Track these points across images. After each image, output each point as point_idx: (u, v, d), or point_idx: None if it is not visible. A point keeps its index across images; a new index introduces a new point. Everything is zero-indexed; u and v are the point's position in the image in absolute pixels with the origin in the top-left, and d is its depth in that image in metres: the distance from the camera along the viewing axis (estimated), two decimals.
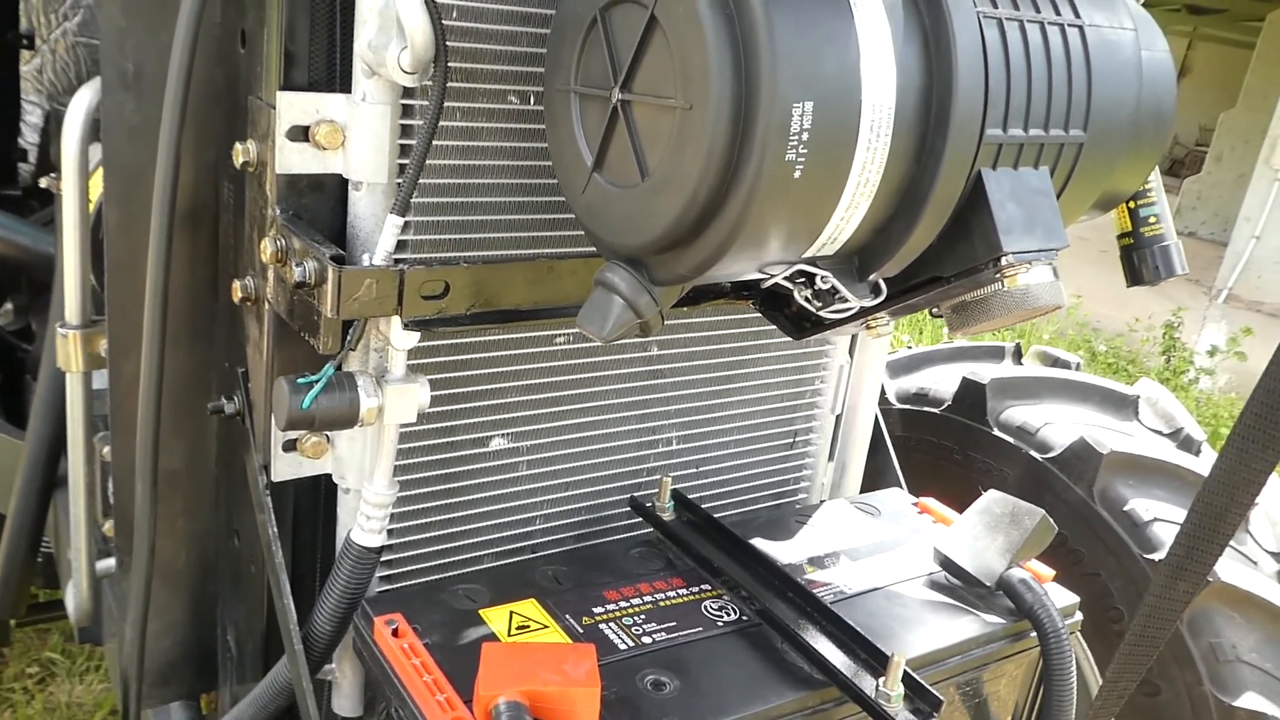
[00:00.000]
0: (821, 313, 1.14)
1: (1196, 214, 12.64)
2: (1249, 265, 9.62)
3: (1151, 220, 1.40)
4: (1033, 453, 2.20)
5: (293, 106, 1.15)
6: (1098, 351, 7.13)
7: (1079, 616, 1.47)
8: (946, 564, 1.45)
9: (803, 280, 1.11)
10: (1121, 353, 7.19)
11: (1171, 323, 7.19)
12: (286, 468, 1.31)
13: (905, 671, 1.19)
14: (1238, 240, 9.81)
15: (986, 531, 1.43)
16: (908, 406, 2.46)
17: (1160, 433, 2.38)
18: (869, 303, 1.11)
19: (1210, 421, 5.98)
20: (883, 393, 2.27)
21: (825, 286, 1.09)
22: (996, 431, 2.27)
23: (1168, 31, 1.25)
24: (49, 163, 2.35)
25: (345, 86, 1.17)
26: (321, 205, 1.22)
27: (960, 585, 1.44)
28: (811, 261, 1.07)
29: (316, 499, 1.40)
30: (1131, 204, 1.40)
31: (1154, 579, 0.95)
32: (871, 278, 1.10)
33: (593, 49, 1.04)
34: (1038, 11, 1.09)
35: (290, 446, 1.30)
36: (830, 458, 1.76)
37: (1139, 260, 1.41)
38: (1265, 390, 0.87)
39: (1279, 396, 0.86)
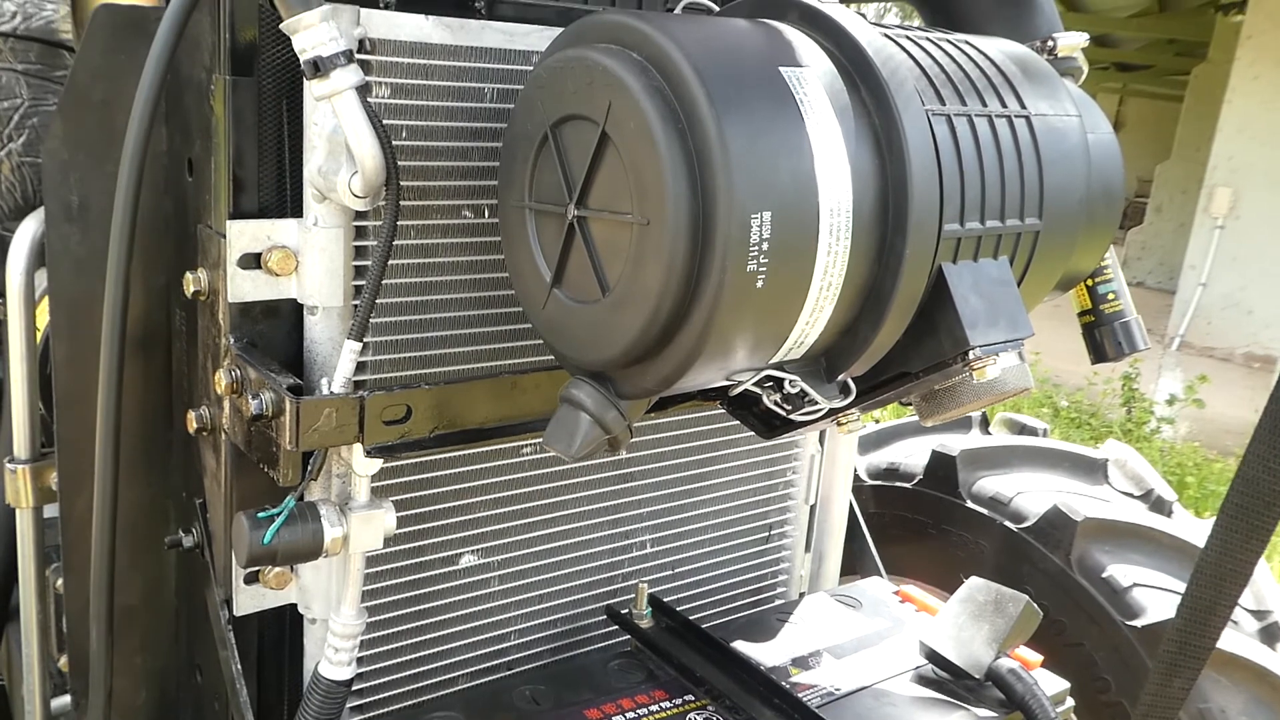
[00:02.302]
0: (791, 416, 1.13)
1: (1143, 264, 12.92)
2: (1198, 312, 9.81)
3: (1110, 297, 1.41)
4: (1007, 523, 2.19)
5: (243, 234, 1.13)
6: (1060, 407, 7.19)
7: (1070, 703, 1.44)
8: (933, 657, 1.42)
9: (771, 385, 1.10)
10: (1083, 406, 7.26)
11: (1129, 374, 7.29)
12: (249, 601, 1.26)
13: None
14: (1184, 288, 10.01)
15: (971, 621, 1.40)
16: (879, 482, 2.45)
17: (1131, 495, 2.39)
18: (838, 404, 1.10)
19: (1175, 471, 6.02)
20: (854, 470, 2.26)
21: (794, 390, 1.08)
22: (970, 504, 2.26)
23: (1099, 88, 1.27)
24: None
25: (296, 211, 1.16)
26: (277, 331, 1.19)
27: (948, 678, 1.41)
28: (779, 366, 1.06)
29: (282, 630, 1.34)
30: (1090, 282, 1.41)
31: (1149, 677, 0.93)
32: (840, 378, 1.09)
33: (545, 165, 1.03)
34: (984, 105, 1.10)
35: (253, 579, 1.25)
36: (807, 549, 1.74)
37: (1101, 337, 1.42)
38: (1244, 480, 0.86)
39: (1257, 486, 0.85)
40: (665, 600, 1.50)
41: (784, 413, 1.13)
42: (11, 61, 2.17)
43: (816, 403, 1.09)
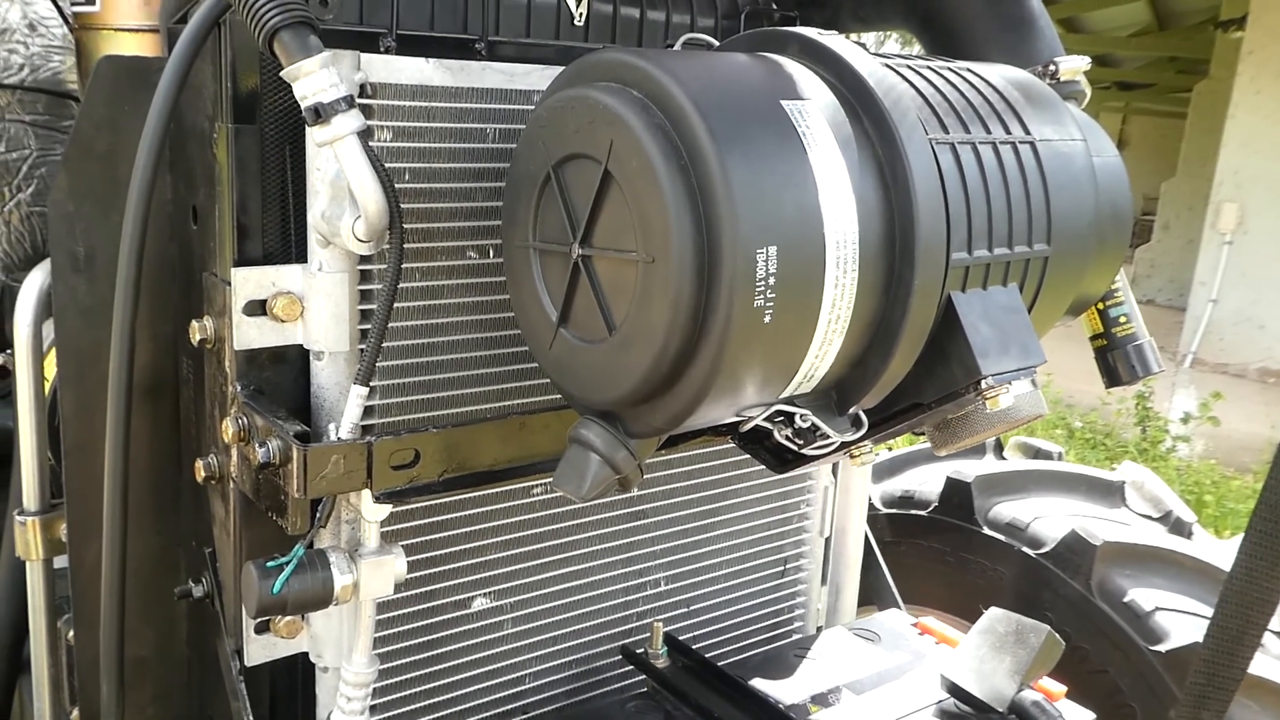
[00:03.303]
0: (803, 450, 1.11)
1: (1152, 281, 12.86)
2: (1210, 328, 9.76)
3: (1122, 320, 1.40)
4: (1025, 549, 2.16)
5: (248, 282, 1.13)
6: (1074, 429, 7.14)
7: None
8: (954, 690, 1.40)
9: (782, 419, 1.08)
10: (1098, 427, 7.21)
11: (1143, 393, 7.24)
12: (260, 651, 1.25)
13: None
14: (1195, 305, 9.96)
15: (992, 653, 1.38)
16: (895, 510, 2.43)
17: (1150, 517, 2.36)
18: (850, 437, 1.08)
19: (1193, 490, 5.97)
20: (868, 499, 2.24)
21: (805, 424, 1.07)
22: (987, 530, 2.24)
23: (1102, 108, 1.27)
24: (4, 338, 2.31)
25: (301, 256, 1.16)
26: (283, 377, 1.19)
27: (970, 712, 1.39)
28: (789, 401, 1.05)
29: (294, 679, 1.33)
30: (1101, 305, 1.40)
31: (1178, 709, 0.91)
32: (851, 410, 1.08)
33: (548, 205, 1.03)
34: (988, 132, 1.09)
35: (263, 628, 1.24)
36: (823, 582, 1.71)
37: (1115, 361, 1.41)
38: (1267, 505, 0.84)
39: None
40: (681, 639, 1.48)
41: (796, 447, 1.11)
42: (19, 113, 2.19)
43: (828, 436, 1.07)
